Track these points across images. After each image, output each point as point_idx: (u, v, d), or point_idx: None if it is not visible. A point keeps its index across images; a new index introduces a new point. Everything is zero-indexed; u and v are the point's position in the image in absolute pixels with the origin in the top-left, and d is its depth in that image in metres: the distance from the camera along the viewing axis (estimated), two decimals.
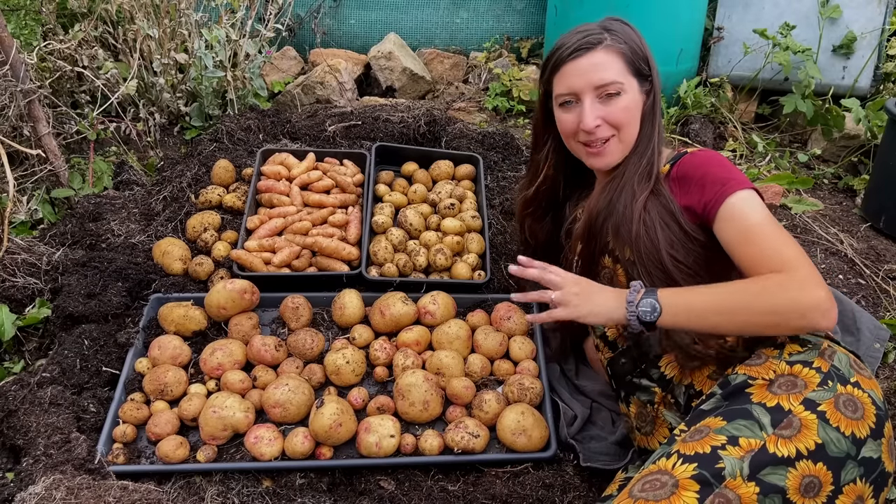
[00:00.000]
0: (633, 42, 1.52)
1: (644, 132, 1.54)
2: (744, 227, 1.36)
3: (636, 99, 1.52)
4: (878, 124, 2.90)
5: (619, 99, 1.49)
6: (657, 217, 1.45)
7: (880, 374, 1.89)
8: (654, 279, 1.44)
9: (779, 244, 1.32)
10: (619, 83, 1.49)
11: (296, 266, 2.08)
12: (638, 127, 1.54)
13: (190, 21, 2.86)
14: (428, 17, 3.97)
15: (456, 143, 2.66)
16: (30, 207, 2.29)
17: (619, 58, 1.49)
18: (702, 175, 1.43)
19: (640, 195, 1.47)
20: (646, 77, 1.54)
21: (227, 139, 2.61)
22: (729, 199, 1.37)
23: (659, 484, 1.17)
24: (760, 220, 1.35)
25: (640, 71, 1.52)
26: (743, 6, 3.36)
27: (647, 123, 1.54)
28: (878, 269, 2.35)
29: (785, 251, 1.31)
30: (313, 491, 1.52)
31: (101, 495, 1.37)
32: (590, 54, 1.49)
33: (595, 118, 1.49)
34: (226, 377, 1.72)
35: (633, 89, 1.51)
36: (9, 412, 1.59)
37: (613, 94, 1.49)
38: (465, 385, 1.71)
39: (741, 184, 1.38)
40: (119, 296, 1.90)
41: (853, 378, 1.27)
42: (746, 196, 1.37)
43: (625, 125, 1.51)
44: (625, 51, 1.49)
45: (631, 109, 1.51)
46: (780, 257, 1.30)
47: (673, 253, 1.43)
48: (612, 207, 1.51)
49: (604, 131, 1.51)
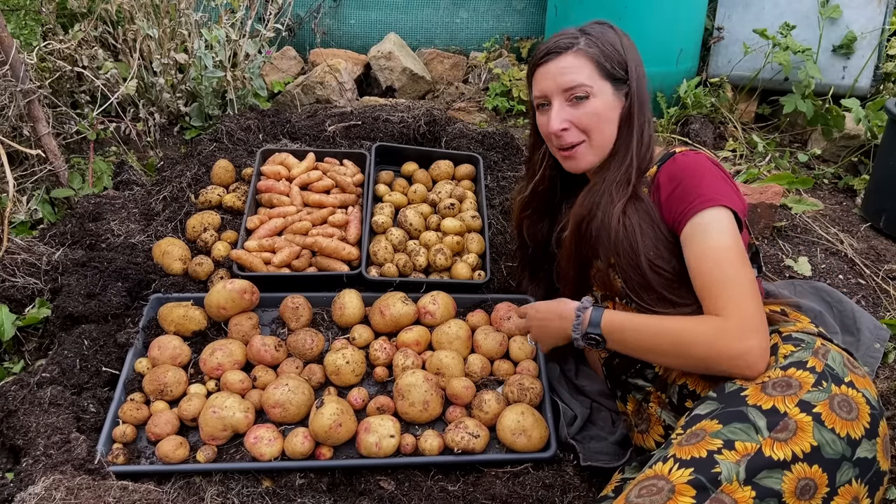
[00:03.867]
0: (607, 46, 1.51)
1: (622, 138, 1.53)
2: (700, 251, 1.35)
3: (608, 103, 1.51)
4: (878, 124, 2.90)
5: (587, 103, 1.50)
6: (637, 223, 1.44)
7: (880, 374, 1.89)
8: (634, 284, 1.45)
9: (726, 280, 1.31)
10: (587, 87, 1.49)
11: (296, 266, 2.08)
12: (613, 132, 1.53)
13: (190, 21, 2.86)
14: (428, 17, 3.97)
15: (456, 143, 2.66)
16: (30, 207, 2.29)
17: (588, 61, 1.49)
18: (678, 184, 1.42)
19: (619, 201, 1.47)
20: (621, 81, 1.52)
21: (226, 139, 2.61)
22: (695, 217, 1.37)
23: (655, 489, 1.17)
24: (716, 245, 1.34)
25: (612, 75, 1.51)
26: (743, 6, 3.37)
27: (624, 128, 1.53)
28: (878, 269, 2.35)
29: (728, 291, 1.30)
30: (313, 491, 1.52)
31: (100, 495, 1.37)
32: (559, 58, 1.50)
33: (561, 121, 1.51)
34: (226, 377, 1.72)
35: (604, 93, 1.50)
36: (9, 412, 1.59)
37: (581, 97, 1.49)
38: (465, 385, 1.71)
39: (714, 201, 1.37)
40: (119, 296, 1.90)
41: (847, 377, 1.28)
42: (714, 216, 1.36)
43: (593, 129, 1.51)
44: (595, 55, 1.49)
45: (600, 114, 1.50)
46: (722, 297, 1.30)
47: (652, 259, 1.43)
48: (593, 213, 1.52)
49: (572, 135, 1.52)
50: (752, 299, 1.30)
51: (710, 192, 1.38)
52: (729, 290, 1.31)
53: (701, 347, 1.30)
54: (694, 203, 1.37)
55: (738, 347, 1.27)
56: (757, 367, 1.28)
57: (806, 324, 1.43)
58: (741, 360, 1.27)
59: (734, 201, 1.39)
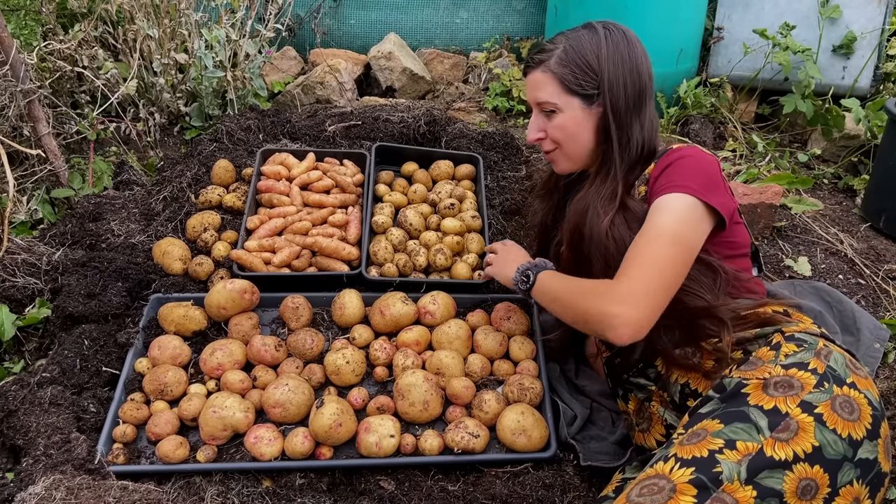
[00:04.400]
0: (580, 60, 1.51)
1: (604, 150, 1.55)
2: (646, 227, 1.41)
3: (575, 118, 1.54)
4: (878, 124, 2.90)
5: (554, 117, 1.56)
6: (626, 233, 1.47)
7: (880, 374, 1.89)
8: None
9: (642, 255, 1.37)
10: (552, 103, 1.54)
11: (296, 266, 2.08)
12: (587, 143, 1.57)
13: (190, 21, 2.86)
14: (428, 17, 3.97)
15: (456, 143, 2.66)
16: (30, 207, 2.29)
17: (552, 79, 1.53)
18: (662, 172, 1.47)
19: (606, 217, 1.50)
20: (590, 96, 1.53)
21: (227, 139, 2.61)
22: (658, 200, 1.41)
23: (657, 488, 1.17)
24: (657, 224, 1.38)
25: (579, 91, 1.52)
26: (743, 6, 3.36)
27: (603, 140, 1.55)
28: (878, 269, 2.35)
29: (636, 264, 1.36)
30: (313, 491, 1.52)
31: (101, 495, 1.37)
32: (532, 73, 1.57)
33: (536, 131, 1.60)
34: (226, 377, 1.72)
35: (570, 108, 1.54)
36: (9, 412, 1.59)
37: (549, 111, 1.56)
38: (464, 385, 1.71)
39: (681, 187, 1.39)
40: (119, 296, 1.90)
41: (849, 379, 1.28)
42: (673, 199, 1.39)
43: (562, 142, 1.58)
44: (560, 73, 1.52)
45: (567, 128, 1.55)
46: (630, 267, 1.37)
47: None
48: (582, 232, 1.55)
49: (546, 144, 1.62)
50: (653, 279, 1.34)
51: (682, 179, 1.41)
52: (638, 264, 1.36)
53: (585, 301, 1.40)
54: (670, 186, 1.41)
55: (611, 310, 1.33)
56: (620, 334, 1.32)
57: (808, 324, 1.43)
58: (607, 321, 1.33)
59: (706, 193, 1.39)
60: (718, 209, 1.40)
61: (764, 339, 1.39)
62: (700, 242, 1.40)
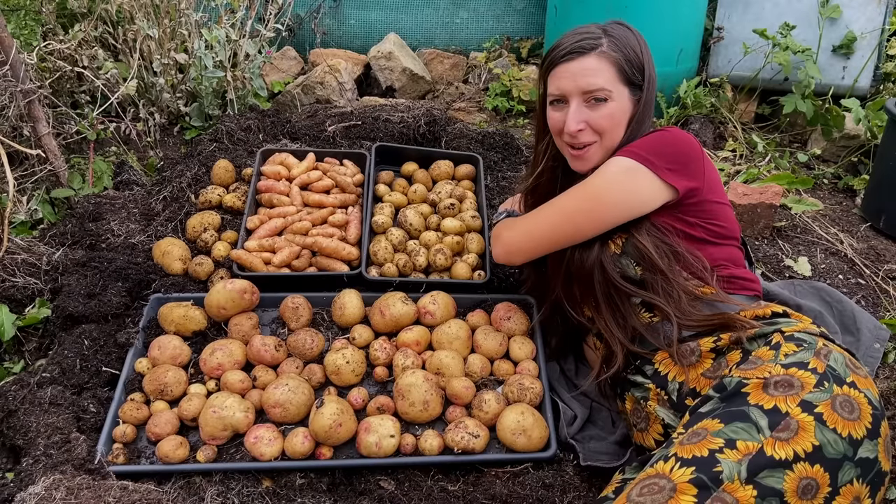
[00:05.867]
0: (629, 50, 1.52)
1: (624, 140, 1.56)
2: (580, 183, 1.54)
3: (623, 107, 1.53)
4: (877, 124, 2.90)
5: (605, 105, 1.51)
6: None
7: (880, 374, 1.89)
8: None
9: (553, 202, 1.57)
10: (607, 90, 1.50)
11: (296, 266, 2.08)
12: (619, 136, 1.56)
13: (190, 21, 2.86)
14: (428, 17, 3.97)
15: (456, 143, 2.66)
16: (30, 207, 2.29)
17: (611, 65, 1.50)
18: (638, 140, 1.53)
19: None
20: (637, 86, 1.54)
21: (227, 139, 2.61)
22: (612, 158, 1.50)
23: (657, 488, 1.17)
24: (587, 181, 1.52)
25: (631, 80, 1.52)
26: (743, 6, 3.36)
27: (630, 130, 1.56)
28: (878, 269, 2.35)
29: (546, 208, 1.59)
30: (313, 491, 1.52)
31: (101, 495, 1.37)
32: (582, 59, 1.50)
33: (578, 122, 1.52)
34: (226, 377, 1.72)
35: (621, 97, 1.52)
36: (9, 412, 1.59)
37: (600, 100, 1.51)
38: (465, 385, 1.71)
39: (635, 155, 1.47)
40: (119, 296, 1.90)
41: (849, 378, 1.28)
42: (617, 161, 1.49)
43: (608, 132, 1.54)
44: (619, 59, 1.50)
45: (616, 117, 1.52)
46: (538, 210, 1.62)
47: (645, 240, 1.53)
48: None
49: (586, 136, 1.54)
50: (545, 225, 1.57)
51: (637, 147, 1.48)
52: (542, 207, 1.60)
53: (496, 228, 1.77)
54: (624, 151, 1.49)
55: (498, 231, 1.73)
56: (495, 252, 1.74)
57: (808, 324, 1.43)
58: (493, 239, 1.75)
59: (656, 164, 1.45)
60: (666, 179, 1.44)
61: (763, 338, 1.39)
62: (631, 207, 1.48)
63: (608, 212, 1.48)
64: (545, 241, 1.57)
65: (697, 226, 1.51)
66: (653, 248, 1.47)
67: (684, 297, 1.46)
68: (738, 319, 1.42)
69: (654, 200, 1.48)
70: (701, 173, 1.50)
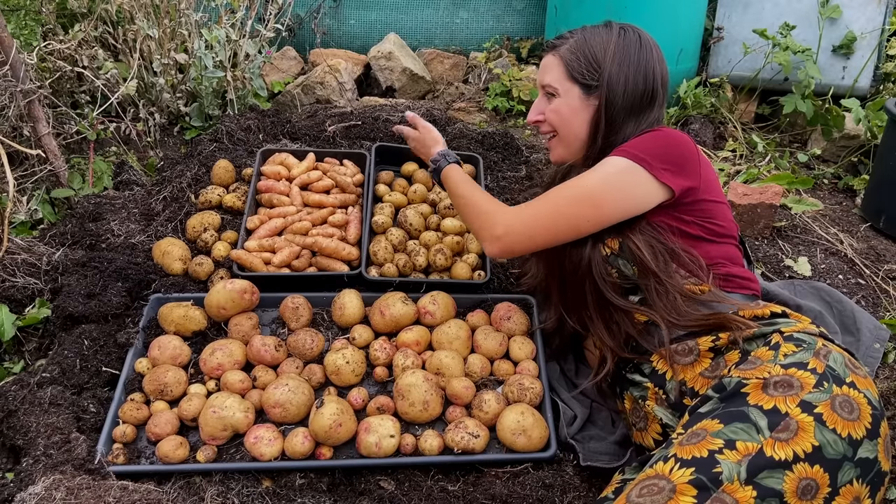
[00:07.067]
0: (585, 51, 1.58)
1: (593, 142, 1.61)
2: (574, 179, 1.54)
3: (572, 104, 1.60)
4: (877, 124, 2.90)
5: (553, 101, 1.63)
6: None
7: (880, 374, 1.89)
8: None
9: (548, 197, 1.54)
10: (554, 87, 1.61)
11: (296, 266, 2.08)
12: (578, 132, 1.62)
13: (190, 21, 2.86)
14: (428, 17, 3.97)
15: (456, 143, 2.66)
16: (30, 207, 2.29)
17: (560, 63, 1.60)
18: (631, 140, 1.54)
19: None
20: (591, 87, 1.57)
21: (227, 139, 2.61)
22: (606, 158, 1.52)
23: (657, 489, 1.17)
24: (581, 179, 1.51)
25: (580, 80, 1.58)
26: (743, 6, 3.36)
27: (595, 131, 1.60)
28: (878, 269, 2.35)
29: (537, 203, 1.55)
30: (313, 491, 1.52)
31: (101, 495, 1.37)
32: (545, 56, 1.66)
33: (536, 112, 1.67)
34: (226, 377, 1.72)
35: (569, 95, 1.60)
36: (9, 412, 1.59)
37: (551, 94, 1.63)
38: (464, 385, 1.71)
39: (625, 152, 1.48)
40: (119, 296, 1.90)
41: (849, 378, 1.28)
42: (613, 161, 1.49)
43: (557, 125, 1.64)
44: (568, 59, 1.59)
45: (562, 112, 1.61)
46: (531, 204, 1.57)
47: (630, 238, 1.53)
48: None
49: (544, 127, 1.68)
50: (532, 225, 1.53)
51: (633, 147, 1.49)
52: (538, 202, 1.55)
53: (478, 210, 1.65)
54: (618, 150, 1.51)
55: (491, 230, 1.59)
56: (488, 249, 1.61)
57: (807, 324, 1.43)
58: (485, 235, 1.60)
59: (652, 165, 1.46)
60: (661, 179, 1.45)
61: (763, 338, 1.39)
62: (627, 207, 1.49)
63: (606, 212, 1.49)
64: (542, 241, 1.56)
65: (694, 224, 1.51)
66: (647, 248, 1.48)
67: (679, 298, 1.46)
68: (733, 320, 1.42)
69: (651, 200, 1.48)
70: (697, 173, 1.50)
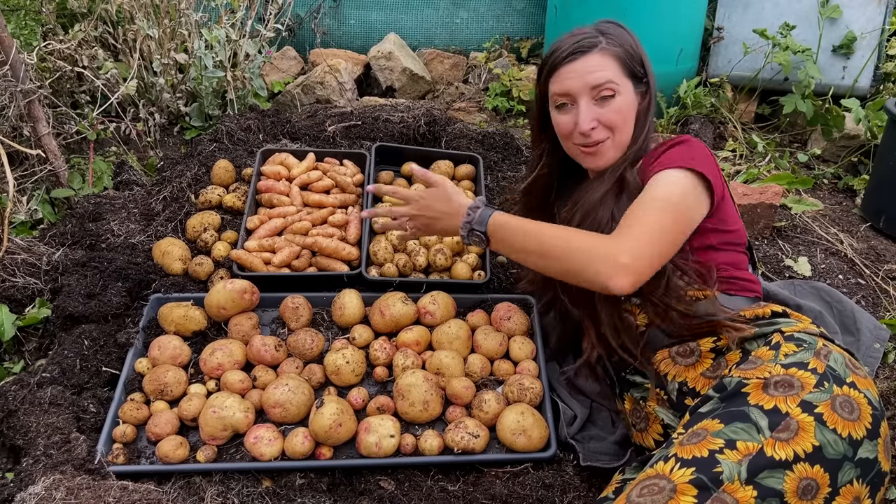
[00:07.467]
0: (627, 45, 1.53)
1: (636, 134, 1.55)
2: (645, 195, 1.41)
3: (630, 101, 1.53)
4: (877, 124, 2.90)
5: (613, 101, 1.50)
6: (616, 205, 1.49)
7: (880, 374, 1.89)
8: None
9: (640, 218, 1.36)
10: (615, 84, 1.49)
11: (296, 266, 2.08)
12: (632, 129, 1.55)
13: (190, 21, 2.86)
14: (428, 17, 3.97)
15: (456, 143, 2.66)
16: (30, 207, 2.29)
17: (614, 60, 1.50)
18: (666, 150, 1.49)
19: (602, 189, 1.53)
20: (640, 79, 1.55)
21: (227, 139, 2.61)
22: (665, 171, 1.42)
23: (657, 489, 1.17)
24: (655, 193, 1.39)
25: (634, 73, 1.53)
26: (743, 6, 3.36)
27: (639, 126, 1.55)
28: (878, 269, 2.35)
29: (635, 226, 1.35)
30: (313, 491, 1.52)
31: (101, 495, 1.37)
32: (585, 57, 1.50)
33: (591, 120, 1.51)
34: (226, 377, 1.72)
35: (627, 91, 1.52)
36: (9, 412, 1.59)
37: (608, 95, 1.50)
38: (464, 385, 1.71)
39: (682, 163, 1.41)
40: (119, 296, 1.90)
41: (849, 378, 1.28)
42: (673, 173, 1.41)
43: (619, 126, 1.52)
44: (620, 53, 1.50)
45: (624, 111, 1.52)
46: (628, 228, 1.36)
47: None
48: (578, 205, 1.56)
49: (599, 133, 1.53)
50: (652, 243, 1.33)
51: (683, 158, 1.43)
52: (637, 226, 1.35)
53: (582, 255, 1.35)
54: (667, 164, 1.43)
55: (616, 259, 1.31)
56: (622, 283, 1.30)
57: (807, 324, 1.43)
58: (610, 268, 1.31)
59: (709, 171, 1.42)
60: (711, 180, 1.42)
61: (763, 338, 1.39)
62: (696, 219, 1.43)
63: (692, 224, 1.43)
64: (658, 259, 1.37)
65: (712, 232, 1.50)
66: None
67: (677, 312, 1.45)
68: (727, 326, 1.41)
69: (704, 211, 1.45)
70: (723, 182, 1.51)
